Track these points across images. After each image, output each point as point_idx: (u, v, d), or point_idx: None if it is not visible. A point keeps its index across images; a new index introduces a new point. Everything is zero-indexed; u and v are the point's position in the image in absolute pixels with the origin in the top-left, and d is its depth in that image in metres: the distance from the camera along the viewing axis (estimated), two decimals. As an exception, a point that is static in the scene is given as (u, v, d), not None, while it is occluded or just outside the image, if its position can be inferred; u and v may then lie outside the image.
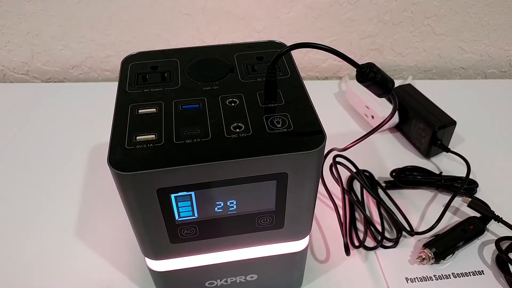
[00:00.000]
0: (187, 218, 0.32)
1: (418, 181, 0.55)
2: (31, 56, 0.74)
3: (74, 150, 0.61)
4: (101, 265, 0.47)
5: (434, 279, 0.47)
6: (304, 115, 0.31)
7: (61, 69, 0.76)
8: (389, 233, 0.51)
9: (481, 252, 0.49)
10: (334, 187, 0.52)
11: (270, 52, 0.37)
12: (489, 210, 0.51)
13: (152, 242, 0.34)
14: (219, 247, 0.36)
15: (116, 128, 0.30)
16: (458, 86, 0.75)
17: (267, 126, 0.30)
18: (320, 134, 0.30)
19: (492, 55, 0.79)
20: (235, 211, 0.32)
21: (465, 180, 0.54)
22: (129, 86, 0.34)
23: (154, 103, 0.32)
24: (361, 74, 0.30)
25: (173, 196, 0.30)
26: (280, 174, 0.30)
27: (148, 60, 0.37)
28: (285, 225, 0.35)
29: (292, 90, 0.33)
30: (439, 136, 0.58)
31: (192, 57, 0.37)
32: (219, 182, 0.29)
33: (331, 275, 0.47)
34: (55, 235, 0.50)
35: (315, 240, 0.50)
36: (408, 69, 0.80)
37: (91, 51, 0.74)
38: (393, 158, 0.60)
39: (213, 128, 0.30)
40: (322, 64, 0.78)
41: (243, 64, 0.36)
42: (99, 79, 0.78)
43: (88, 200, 0.54)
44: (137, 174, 0.27)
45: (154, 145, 0.29)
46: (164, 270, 0.37)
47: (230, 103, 0.32)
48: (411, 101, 0.62)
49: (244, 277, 0.41)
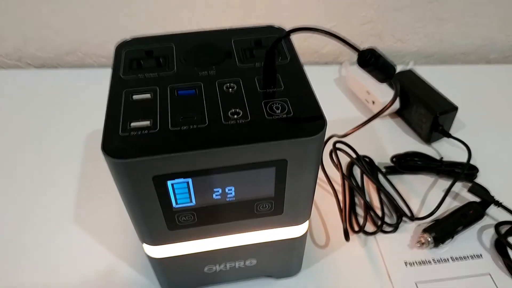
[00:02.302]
0: (184, 205, 0.31)
1: (418, 166, 0.55)
2: (24, 42, 0.73)
3: (70, 137, 0.60)
4: (99, 251, 0.47)
5: (432, 263, 0.47)
6: (304, 101, 0.30)
7: (55, 55, 0.75)
8: (389, 218, 0.51)
9: (480, 236, 0.49)
10: (334, 173, 0.51)
11: (268, 37, 0.36)
12: (489, 195, 0.51)
13: (150, 229, 0.33)
14: (218, 233, 0.35)
15: (110, 115, 0.30)
16: (460, 71, 0.74)
17: (266, 112, 0.29)
18: (321, 120, 0.29)
19: (495, 40, 0.77)
20: (233, 198, 0.32)
21: (466, 165, 0.53)
22: (123, 72, 0.33)
23: (149, 88, 0.31)
24: (363, 59, 0.29)
25: (169, 183, 0.29)
26: (279, 161, 0.29)
27: (143, 45, 0.36)
28: (284, 211, 0.34)
29: (291, 75, 0.33)
30: (440, 121, 0.57)
31: (188, 42, 0.36)
32: (216, 169, 0.29)
33: (330, 260, 0.47)
34: (53, 223, 0.50)
35: (315, 225, 0.50)
36: (410, 54, 0.78)
37: (86, 37, 0.72)
38: (393, 143, 0.60)
39: (210, 114, 0.29)
40: (322, 50, 0.77)
41: (240, 49, 0.35)
42: (94, 65, 0.77)
43: (85, 187, 0.54)
44: (132, 161, 0.27)
45: (149, 132, 0.28)
46: (162, 257, 0.37)
47: (228, 88, 0.31)
48: (412, 86, 0.61)
49: (243, 262, 0.41)
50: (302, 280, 0.45)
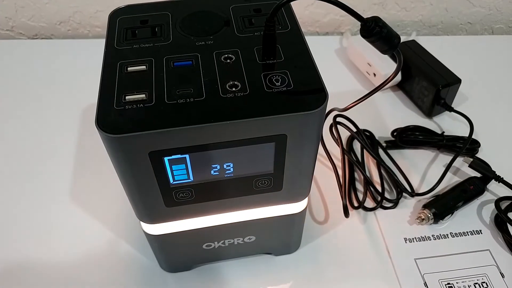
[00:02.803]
0: (182, 182, 0.31)
1: (419, 141, 0.54)
2: (15, 11, 0.71)
3: (65, 110, 0.59)
4: (97, 229, 0.47)
5: (432, 239, 0.47)
6: (305, 73, 0.29)
7: (47, 24, 0.73)
8: (389, 194, 0.50)
9: (480, 212, 0.49)
10: (334, 147, 0.51)
11: (268, 4, 0.35)
12: (490, 170, 0.51)
13: (147, 206, 0.33)
14: (216, 210, 0.35)
15: (104, 88, 0.28)
16: (464, 42, 0.73)
17: (265, 85, 0.28)
18: (322, 93, 0.28)
19: (501, 9, 0.75)
20: (232, 174, 0.31)
21: (468, 140, 0.53)
22: (117, 42, 0.32)
23: (144, 60, 0.30)
24: (366, 28, 0.28)
25: (166, 159, 0.28)
26: (279, 136, 0.28)
27: (138, 13, 0.34)
28: (283, 188, 0.34)
29: (292, 45, 0.31)
30: (442, 95, 0.56)
31: (185, 10, 0.34)
32: (214, 145, 0.28)
33: (329, 236, 0.47)
34: (49, 200, 0.49)
35: (314, 201, 0.50)
36: (412, 24, 0.76)
37: (79, 5, 0.70)
38: (394, 117, 0.59)
39: (207, 87, 0.28)
40: (323, 19, 0.75)
41: (239, 17, 0.33)
42: (89, 35, 0.74)
43: (82, 162, 0.53)
44: (127, 136, 0.26)
45: (144, 105, 0.27)
46: (160, 234, 0.36)
47: (226, 60, 0.30)
48: (415, 58, 0.60)
49: (242, 238, 0.40)
50: (301, 257, 0.45)
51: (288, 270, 0.44)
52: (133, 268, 0.44)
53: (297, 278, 0.44)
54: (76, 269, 0.44)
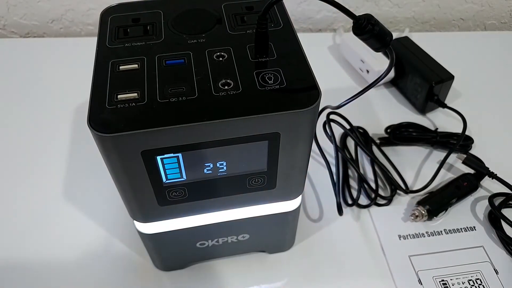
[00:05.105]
0: (175, 180, 0.31)
1: (413, 137, 0.54)
2: (7, 9, 0.70)
3: (57, 109, 0.58)
4: (90, 228, 0.47)
5: (426, 235, 0.47)
6: (297, 71, 0.29)
7: (40, 23, 0.72)
8: (383, 191, 0.50)
9: (474, 208, 0.49)
10: (327, 144, 0.51)
11: (260, 2, 0.34)
12: (484, 167, 0.51)
13: (140, 205, 0.32)
14: (210, 208, 0.35)
15: (95, 87, 0.28)
16: (456, 38, 0.73)
17: (258, 83, 0.28)
18: (315, 91, 0.28)
19: (493, 5, 0.76)
20: (225, 173, 0.31)
21: (461, 136, 0.53)
22: (109, 40, 0.31)
23: (136, 58, 0.30)
24: (358, 26, 0.28)
25: (158, 158, 0.28)
26: (272, 134, 0.28)
27: (130, 11, 0.34)
28: (277, 186, 0.34)
29: (284, 43, 0.31)
30: (435, 91, 0.56)
31: (177, 8, 0.34)
32: (207, 143, 0.28)
33: (323, 233, 0.47)
34: (42, 199, 0.49)
35: (308, 198, 0.50)
36: (405, 21, 0.76)
37: (71, 3, 0.69)
38: (388, 114, 0.59)
39: (199, 85, 0.28)
40: (316, 16, 0.75)
41: (231, 15, 0.33)
42: (81, 33, 0.74)
43: (75, 161, 0.53)
44: (119, 135, 0.26)
45: (136, 104, 0.27)
46: (153, 232, 0.36)
47: (218, 58, 0.30)
48: (408, 54, 0.60)
49: (236, 237, 0.40)
50: (295, 254, 0.45)
51: (282, 267, 0.44)
52: (127, 267, 0.44)
53: (291, 275, 0.44)
54: (70, 268, 0.43)
